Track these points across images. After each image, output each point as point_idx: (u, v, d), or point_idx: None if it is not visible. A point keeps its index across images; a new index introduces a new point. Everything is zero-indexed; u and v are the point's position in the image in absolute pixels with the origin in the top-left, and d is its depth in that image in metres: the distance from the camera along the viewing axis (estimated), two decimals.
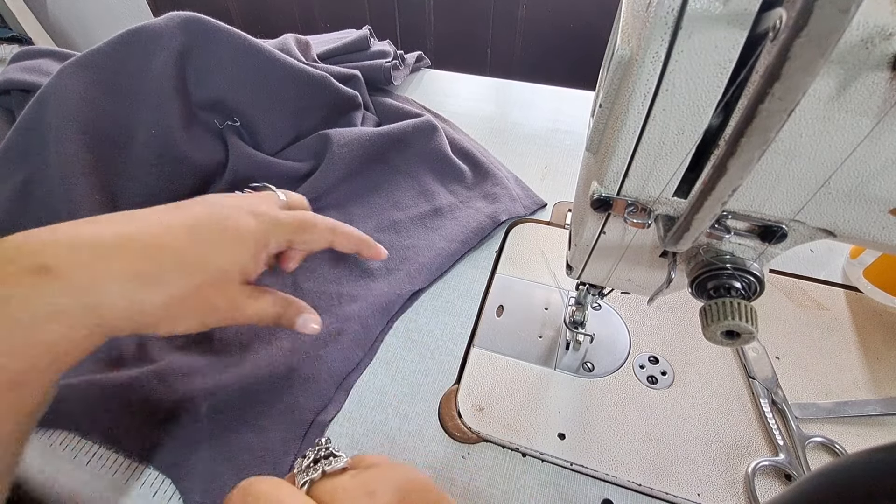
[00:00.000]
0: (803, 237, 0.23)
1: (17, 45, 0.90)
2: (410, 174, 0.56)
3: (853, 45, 0.16)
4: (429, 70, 0.75)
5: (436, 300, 0.45)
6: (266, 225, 0.30)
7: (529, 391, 0.38)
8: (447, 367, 0.41)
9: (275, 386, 0.38)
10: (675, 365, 0.40)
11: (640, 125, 0.20)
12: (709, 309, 0.22)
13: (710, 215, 0.18)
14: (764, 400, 0.37)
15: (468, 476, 0.35)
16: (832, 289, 0.45)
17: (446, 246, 0.48)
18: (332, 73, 0.58)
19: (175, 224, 0.27)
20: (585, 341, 0.41)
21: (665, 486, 0.33)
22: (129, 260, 0.24)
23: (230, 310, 0.29)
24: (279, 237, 0.31)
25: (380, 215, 0.52)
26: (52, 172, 0.43)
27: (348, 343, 0.41)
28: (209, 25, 0.49)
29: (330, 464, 0.22)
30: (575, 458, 0.35)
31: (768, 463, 0.34)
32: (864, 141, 0.18)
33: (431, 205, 0.52)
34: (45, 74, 0.51)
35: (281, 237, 0.31)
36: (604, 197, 0.23)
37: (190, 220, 0.27)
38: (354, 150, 0.53)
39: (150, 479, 0.35)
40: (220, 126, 0.53)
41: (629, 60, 0.19)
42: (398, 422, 0.38)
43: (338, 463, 0.22)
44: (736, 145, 0.15)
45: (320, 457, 0.22)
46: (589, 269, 0.30)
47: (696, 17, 0.16)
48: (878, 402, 0.37)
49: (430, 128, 0.57)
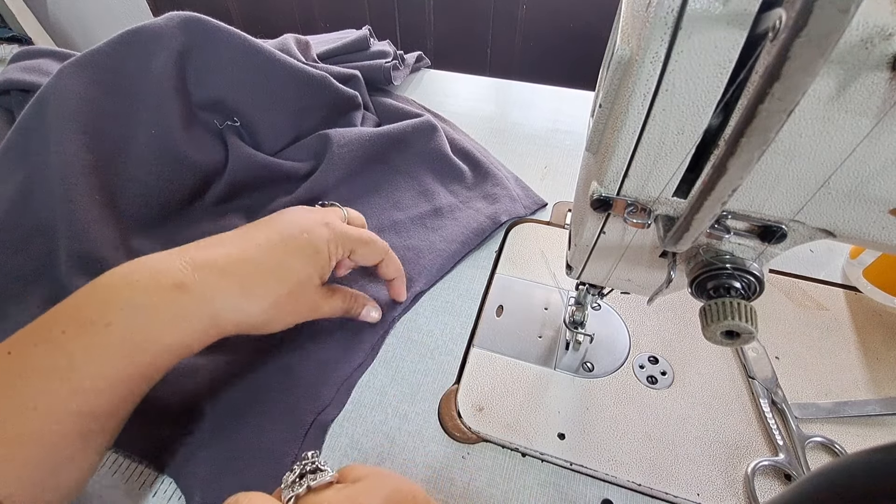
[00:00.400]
0: (803, 237, 0.23)
1: (17, 45, 0.90)
2: (410, 174, 0.56)
3: (853, 45, 0.16)
4: (429, 70, 0.75)
5: (435, 300, 0.45)
6: (337, 236, 0.34)
7: (529, 391, 0.38)
8: (447, 367, 0.41)
9: (276, 387, 0.38)
10: (675, 365, 0.40)
11: (640, 125, 0.20)
12: (708, 309, 0.22)
13: (709, 215, 0.18)
14: (764, 400, 0.37)
15: (468, 476, 0.35)
16: (832, 289, 0.45)
17: (446, 247, 0.48)
18: (332, 73, 0.58)
19: (265, 243, 0.32)
20: (585, 341, 0.41)
21: (665, 486, 0.33)
22: (236, 277, 0.30)
23: (312, 310, 0.35)
24: (346, 247, 0.35)
25: (380, 215, 0.52)
26: (52, 172, 0.43)
27: (350, 344, 0.41)
28: (209, 25, 0.49)
29: (315, 478, 0.22)
30: (575, 458, 0.35)
31: (768, 463, 0.34)
32: (864, 141, 0.18)
33: (431, 205, 0.52)
34: (45, 74, 0.51)
35: (347, 247, 0.35)
36: (604, 197, 0.23)
37: (275, 237, 0.32)
38: (354, 150, 0.53)
39: (150, 479, 0.35)
40: (220, 126, 0.53)
41: (629, 60, 0.19)
42: (398, 422, 0.38)
43: (323, 477, 0.22)
44: (736, 145, 0.15)
45: (306, 471, 0.22)
46: (589, 269, 0.30)
47: (696, 17, 0.16)
48: (878, 402, 0.37)
49: (430, 128, 0.57)
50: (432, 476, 0.35)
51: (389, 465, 0.35)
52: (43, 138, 0.45)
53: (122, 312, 0.27)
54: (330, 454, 0.36)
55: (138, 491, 0.34)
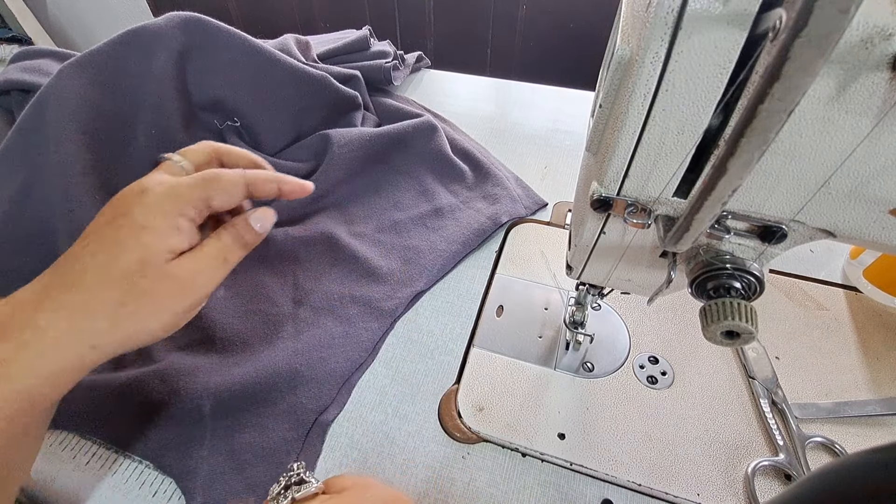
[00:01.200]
0: (803, 237, 0.23)
1: (16, 45, 0.90)
2: (411, 174, 0.56)
3: (853, 45, 0.16)
4: (429, 70, 0.75)
5: (436, 300, 0.45)
6: (160, 199, 0.28)
7: (529, 391, 0.38)
8: (447, 367, 0.41)
9: (277, 387, 0.38)
10: (675, 365, 0.40)
11: (640, 125, 0.20)
12: (709, 309, 0.22)
13: (710, 215, 0.18)
14: (764, 400, 0.37)
15: (468, 476, 0.35)
16: (832, 289, 0.45)
17: (447, 247, 0.48)
18: (332, 73, 0.58)
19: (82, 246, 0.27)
20: (585, 341, 0.41)
21: (665, 486, 0.33)
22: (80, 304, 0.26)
23: (185, 282, 0.28)
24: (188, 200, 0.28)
25: (380, 216, 0.52)
26: (52, 172, 0.43)
27: (351, 345, 0.41)
28: (209, 26, 0.49)
29: (299, 490, 0.22)
30: (575, 458, 0.35)
31: (768, 463, 0.34)
32: (864, 141, 0.18)
33: (432, 205, 0.52)
34: (45, 74, 0.51)
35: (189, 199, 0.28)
36: (604, 197, 0.23)
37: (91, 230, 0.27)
38: (355, 150, 0.53)
39: (149, 479, 0.35)
40: (220, 126, 0.53)
41: (629, 60, 0.19)
42: (398, 422, 0.38)
43: (308, 489, 0.22)
44: (736, 145, 0.15)
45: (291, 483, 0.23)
46: (589, 270, 0.30)
47: (696, 17, 0.16)
48: (878, 402, 0.37)
49: (430, 128, 0.57)
50: (432, 476, 0.35)
51: (389, 464, 0.35)
52: (43, 138, 0.45)
53: None
54: (330, 454, 0.36)
55: (138, 491, 0.34)
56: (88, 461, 0.35)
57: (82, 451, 0.36)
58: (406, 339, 0.43)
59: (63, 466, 0.35)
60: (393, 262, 0.47)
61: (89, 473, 0.35)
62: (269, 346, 0.40)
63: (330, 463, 0.36)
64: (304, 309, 0.43)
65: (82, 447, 0.36)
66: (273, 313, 0.43)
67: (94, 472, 0.35)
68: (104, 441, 0.36)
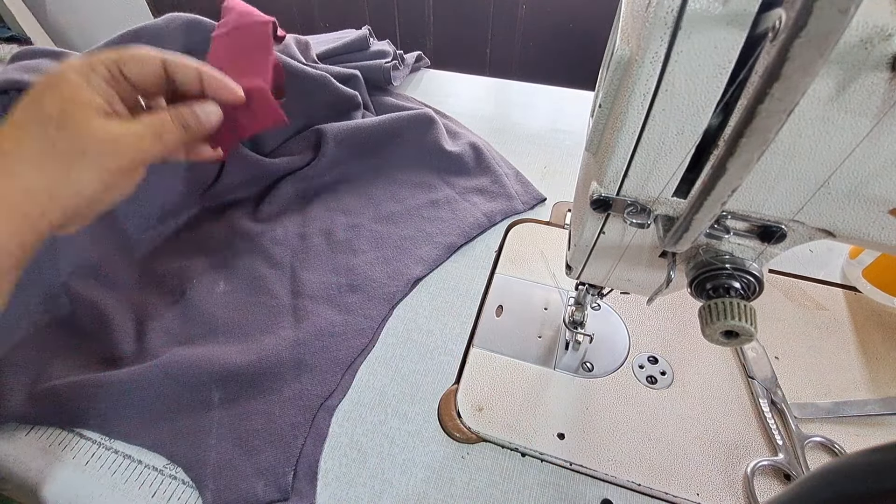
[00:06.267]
0: (803, 237, 0.23)
1: (16, 45, 0.90)
2: (407, 166, 0.56)
3: (852, 45, 0.16)
4: (428, 70, 0.75)
5: (435, 300, 0.45)
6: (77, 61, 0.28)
7: (529, 391, 0.38)
8: (446, 367, 0.41)
9: (282, 375, 0.39)
10: (675, 365, 0.40)
11: (640, 125, 0.20)
12: (708, 309, 0.22)
13: (709, 215, 0.18)
14: (763, 400, 0.37)
15: (468, 476, 0.35)
16: (831, 289, 0.45)
17: (443, 239, 0.49)
18: (331, 73, 0.58)
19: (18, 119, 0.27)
20: (585, 341, 0.41)
21: (664, 486, 0.33)
22: None
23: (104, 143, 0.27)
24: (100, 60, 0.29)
25: (377, 207, 0.52)
26: None
27: (351, 332, 0.42)
28: (210, 27, 0.49)
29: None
30: (574, 458, 0.35)
31: (767, 463, 0.34)
32: (864, 141, 0.18)
33: (428, 196, 0.53)
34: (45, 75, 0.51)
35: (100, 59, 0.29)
36: (603, 197, 0.23)
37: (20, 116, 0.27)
38: (351, 142, 0.53)
39: (149, 479, 0.35)
40: None
41: (629, 60, 0.19)
42: (398, 422, 0.38)
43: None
44: (735, 145, 0.15)
45: None
46: (588, 269, 0.30)
47: (696, 17, 0.16)
48: (877, 401, 0.37)
49: (427, 120, 0.57)
50: (432, 476, 0.35)
51: (389, 464, 0.35)
52: None
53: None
54: (330, 454, 0.36)
55: (138, 491, 0.34)
56: (88, 461, 0.35)
57: (82, 451, 0.36)
58: (405, 338, 0.43)
59: (63, 466, 0.35)
60: (389, 251, 0.48)
61: (89, 473, 0.35)
62: (270, 337, 0.41)
63: (330, 463, 0.36)
64: (303, 299, 0.44)
65: (82, 447, 0.36)
66: (273, 305, 0.44)
67: (94, 472, 0.35)
68: (111, 437, 0.36)
